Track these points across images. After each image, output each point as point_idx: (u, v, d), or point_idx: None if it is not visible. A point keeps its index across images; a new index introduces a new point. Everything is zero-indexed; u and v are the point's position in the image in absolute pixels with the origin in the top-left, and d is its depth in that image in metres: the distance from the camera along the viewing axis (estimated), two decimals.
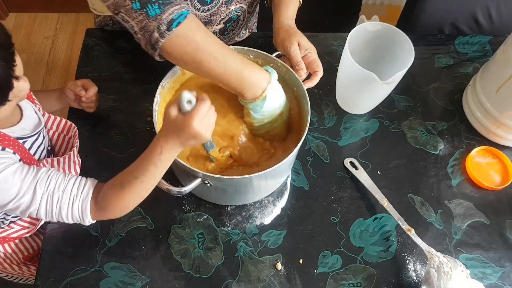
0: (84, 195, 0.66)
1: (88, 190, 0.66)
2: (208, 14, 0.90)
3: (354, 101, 0.98)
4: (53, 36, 2.28)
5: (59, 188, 0.64)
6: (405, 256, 0.83)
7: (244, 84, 0.72)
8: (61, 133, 0.84)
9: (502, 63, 0.89)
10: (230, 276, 0.79)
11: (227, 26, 0.97)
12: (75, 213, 0.66)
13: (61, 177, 0.65)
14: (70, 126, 0.83)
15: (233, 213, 0.86)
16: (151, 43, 0.69)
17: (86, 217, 0.67)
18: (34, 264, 0.96)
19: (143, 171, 0.64)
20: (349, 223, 0.86)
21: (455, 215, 0.88)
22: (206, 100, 0.61)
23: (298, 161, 0.92)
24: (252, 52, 0.84)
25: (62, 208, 0.65)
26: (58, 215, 0.66)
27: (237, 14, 0.97)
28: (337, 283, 0.79)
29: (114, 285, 0.77)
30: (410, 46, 0.86)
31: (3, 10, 2.28)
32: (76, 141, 0.82)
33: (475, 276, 0.81)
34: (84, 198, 0.66)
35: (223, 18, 0.94)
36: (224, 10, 0.92)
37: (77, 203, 0.65)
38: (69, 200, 0.65)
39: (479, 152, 0.96)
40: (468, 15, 1.21)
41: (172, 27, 0.67)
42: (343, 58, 0.89)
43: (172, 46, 0.69)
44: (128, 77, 1.03)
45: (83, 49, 1.07)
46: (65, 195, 0.65)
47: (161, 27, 0.67)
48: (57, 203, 0.65)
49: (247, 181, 0.74)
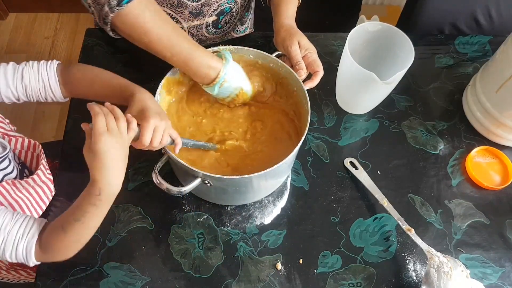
0: (30, 237, 0.63)
1: (34, 232, 0.64)
2: (199, 4, 0.90)
3: (354, 101, 0.98)
4: (53, 36, 2.28)
5: (5, 229, 0.62)
6: (405, 256, 0.83)
7: (192, 70, 0.75)
8: (27, 151, 0.82)
9: (502, 63, 0.89)
10: (230, 276, 0.79)
11: (220, 19, 0.97)
12: (19, 254, 0.64)
13: (8, 217, 0.63)
14: (35, 144, 0.81)
15: (233, 213, 0.86)
16: (102, 17, 0.70)
17: (30, 259, 0.64)
18: (24, 269, 0.95)
19: (83, 212, 0.61)
20: (349, 223, 0.86)
21: (455, 215, 0.88)
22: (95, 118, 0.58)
23: (298, 161, 0.92)
24: (252, 52, 0.84)
25: (7, 248, 0.63)
26: (2, 255, 0.63)
27: (230, 6, 0.96)
28: (337, 283, 0.79)
29: (114, 285, 0.77)
30: (410, 46, 0.86)
31: (3, 10, 2.28)
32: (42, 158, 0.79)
33: (475, 276, 0.81)
34: (29, 240, 0.63)
35: (215, 10, 0.94)
36: (216, 1, 0.92)
37: (22, 244, 0.63)
38: (13, 241, 0.63)
39: (479, 152, 0.96)
40: (468, 15, 1.21)
41: (122, 3, 0.68)
42: (343, 58, 0.89)
43: (122, 23, 0.71)
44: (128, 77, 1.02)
45: (83, 49, 1.07)
46: (10, 236, 0.62)
47: (112, 2, 0.68)
48: (2, 243, 0.62)
49: (247, 181, 0.74)
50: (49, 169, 0.81)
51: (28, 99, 0.76)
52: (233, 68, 0.78)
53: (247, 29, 1.15)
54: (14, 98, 0.75)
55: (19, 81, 0.74)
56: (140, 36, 0.72)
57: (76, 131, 0.93)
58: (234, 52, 0.84)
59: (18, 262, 0.65)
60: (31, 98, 0.76)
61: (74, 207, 0.63)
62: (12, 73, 0.73)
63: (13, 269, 0.93)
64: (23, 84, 0.74)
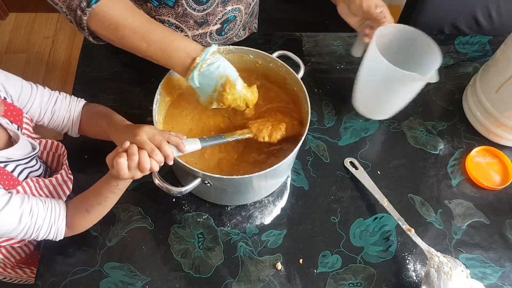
0: (61, 221, 0.73)
1: (63, 216, 0.73)
2: (204, 14, 0.90)
3: (380, 106, 0.93)
4: (53, 36, 2.28)
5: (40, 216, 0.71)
6: (405, 256, 0.83)
7: (171, 58, 0.71)
8: (49, 151, 0.85)
9: (502, 63, 0.89)
10: (230, 276, 0.79)
11: (224, 27, 0.97)
12: (50, 235, 0.73)
13: (40, 205, 0.71)
14: (58, 145, 0.84)
15: (233, 213, 0.86)
16: (78, 22, 0.70)
17: (59, 237, 0.74)
18: (29, 266, 0.96)
19: (104, 198, 0.72)
20: (349, 223, 0.86)
21: (455, 215, 0.88)
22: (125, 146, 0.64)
23: (298, 161, 0.92)
24: (252, 52, 0.84)
25: (41, 232, 0.72)
26: (36, 236, 0.72)
27: (234, 15, 0.97)
28: (337, 283, 0.79)
29: (114, 285, 0.77)
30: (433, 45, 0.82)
31: (3, 10, 2.28)
32: (65, 159, 0.83)
33: (475, 276, 0.81)
34: (60, 224, 0.73)
35: (220, 19, 0.94)
36: (221, 10, 0.92)
37: (54, 228, 0.73)
38: (48, 226, 0.72)
39: (479, 152, 0.96)
40: (468, 15, 1.21)
41: (91, 3, 0.67)
42: (370, 61, 0.85)
43: (95, 24, 0.70)
44: (128, 77, 1.03)
45: (83, 49, 1.07)
46: (46, 222, 0.71)
47: (82, 4, 0.67)
48: (38, 229, 0.71)
49: (247, 181, 0.74)
50: (69, 169, 0.84)
51: (47, 124, 0.82)
52: (216, 53, 0.73)
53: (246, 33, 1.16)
54: (37, 118, 0.80)
55: (51, 105, 0.80)
56: (114, 32, 0.70)
57: None
58: (234, 52, 0.84)
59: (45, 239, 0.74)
60: (53, 123, 0.82)
61: (95, 193, 0.73)
62: (48, 96, 0.80)
63: (18, 266, 0.93)
64: (53, 109, 0.80)
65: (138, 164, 0.63)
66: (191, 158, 0.79)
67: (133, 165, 0.63)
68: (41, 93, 0.80)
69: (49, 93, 0.81)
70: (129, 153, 0.63)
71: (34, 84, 0.80)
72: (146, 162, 0.63)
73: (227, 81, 0.72)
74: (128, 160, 0.63)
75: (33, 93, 0.78)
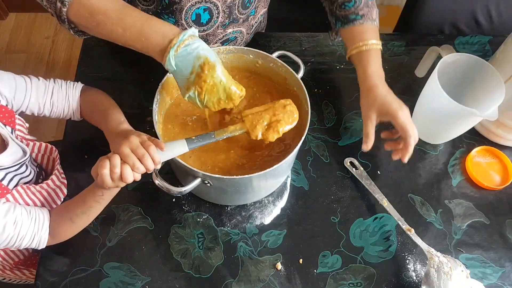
0: (44, 231, 0.73)
1: (46, 226, 0.73)
2: (203, 34, 0.90)
3: (440, 134, 0.94)
4: (53, 36, 2.28)
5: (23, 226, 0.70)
6: (405, 256, 0.83)
7: (147, 42, 0.67)
8: (44, 154, 0.84)
9: (502, 63, 0.89)
10: (230, 276, 0.79)
11: (225, 45, 0.97)
12: (33, 244, 0.73)
13: (24, 215, 0.71)
14: (52, 148, 0.84)
15: (233, 213, 0.86)
16: (58, 15, 0.69)
17: (41, 246, 0.74)
18: (28, 268, 0.96)
19: (89, 207, 0.73)
20: (349, 223, 0.86)
21: (455, 215, 0.88)
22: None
23: (298, 161, 0.92)
24: (252, 52, 0.84)
25: (24, 242, 0.72)
26: (18, 246, 0.72)
27: (235, 36, 0.97)
28: (337, 283, 0.79)
29: (114, 285, 0.77)
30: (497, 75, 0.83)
31: (3, 10, 2.28)
32: (57, 164, 0.82)
33: (475, 276, 0.81)
34: (43, 233, 0.73)
35: (220, 39, 0.94)
36: (221, 32, 0.92)
37: (37, 237, 0.73)
38: (31, 236, 0.72)
39: (479, 152, 0.96)
40: (468, 15, 1.21)
41: None
42: (431, 92, 0.86)
43: (73, 14, 0.69)
44: (128, 77, 1.03)
45: (83, 49, 1.07)
46: (29, 232, 0.71)
47: None
48: (21, 238, 0.71)
49: (247, 181, 0.74)
50: (63, 173, 0.83)
51: (49, 115, 0.82)
52: (195, 36, 0.68)
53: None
54: (37, 111, 0.80)
55: (49, 98, 0.80)
56: (89, 19, 0.68)
57: (76, 131, 0.94)
58: (234, 52, 0.84)
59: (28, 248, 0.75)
60: (54, 115, 0.82)
61: (80, 202, 0.73)
62: (43, 89, 0.79)
63: (16, 268, 0.93)
64: (52, 101, 0.80)
65: (120, 176, 0.63)
66: (191, 158, 0.79)
67: (115, 177, 0.63)
68: (36, 85, 0.78)
69: (43, 84, 0.79)
70: (111, 165, 0.62)
71: (26, 77, 0.78)
72: (128, 174, 0.63)
73: (206, 61, 0.66)
74: (110, 172, 0.63)
75: (28, 87, 0.77)
